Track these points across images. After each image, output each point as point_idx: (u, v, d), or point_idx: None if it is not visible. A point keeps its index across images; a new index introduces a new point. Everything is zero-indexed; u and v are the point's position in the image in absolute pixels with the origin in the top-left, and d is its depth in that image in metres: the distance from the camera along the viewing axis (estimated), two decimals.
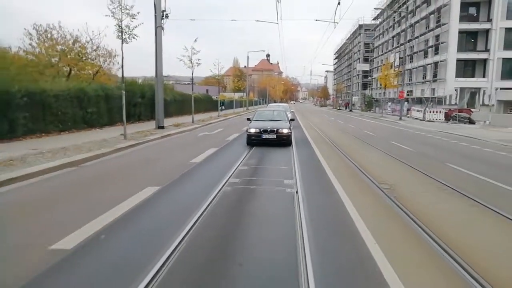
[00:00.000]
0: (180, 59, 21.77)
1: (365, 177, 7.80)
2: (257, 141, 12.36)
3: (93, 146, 11.17)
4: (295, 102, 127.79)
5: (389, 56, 57.72)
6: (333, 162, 9.59)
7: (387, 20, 60.40)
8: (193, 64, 22.15)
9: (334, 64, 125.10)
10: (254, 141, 12.42)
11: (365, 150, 12.69)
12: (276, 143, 12.25)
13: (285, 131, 12.50)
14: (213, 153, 10.89)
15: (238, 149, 11.76)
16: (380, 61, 63.28)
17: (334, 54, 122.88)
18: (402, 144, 14.29)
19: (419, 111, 34.07)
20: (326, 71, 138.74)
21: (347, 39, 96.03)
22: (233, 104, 43.51)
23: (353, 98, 76.97)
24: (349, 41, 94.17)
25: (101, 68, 20.91)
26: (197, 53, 22.23)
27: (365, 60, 79.64)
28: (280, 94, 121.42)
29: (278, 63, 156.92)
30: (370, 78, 73.89)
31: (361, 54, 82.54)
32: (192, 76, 23.43)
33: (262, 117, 14.46)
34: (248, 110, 46.89)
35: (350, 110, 62.73)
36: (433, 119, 30.30)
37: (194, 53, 21.94)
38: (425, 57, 44.07)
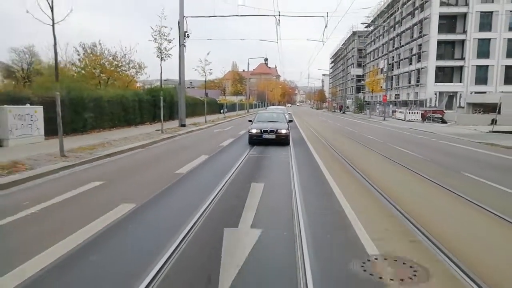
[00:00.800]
0: (195, 69, 26.24)
1: (334, 151, 12.22)
2: (258, 141, 13.62)
3: (144, 137, 15.51)
4: (291, 105, 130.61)
5: (379, 62, 62.54)
6: (315, 144, 14.04)
7: (378, 29, 65.13)
8: (206, 73, 26.64)
9: (330, 68, 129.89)
10: (255, 141, 13.68)
11: (340, 139, 17.12)
12: (276, 142, 13.50)
13: (284, 132, 13.65)
14: (233, 141, 15.28)
15: None
16: (372, 67, 67.98)
17: (330, 59, 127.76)
18: (372, 136, 18.76)
19: (401, 113, 38.63)
20: (323, 75, 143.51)
21: (342, 45, 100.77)
22: (236, 107, 47.96)
23: (347, 101, 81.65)
24: (344, 47, 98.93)
25: (133, 78, 25.42)
26: (209, 64, 26.74)
27: (359, 65, 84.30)
28: (278, 97, 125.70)
29: (276, 67, 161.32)
30: (363, 82, 78.41)
31: (355, 59, 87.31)
32: (205, 84, 27.89)
33: (263, 119, 15.47)
34: (249, 113, 51.33)
35: (343, 112, 67.23)
36: (412, 119, 34.84)
37: (207, 64, 26.40)
38: (410, 64, 48.74)
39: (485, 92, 38.41)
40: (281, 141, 13.58)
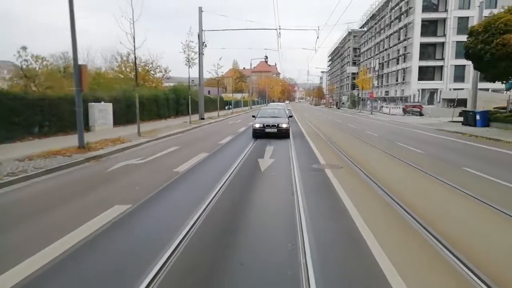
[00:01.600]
0: (209, 72, 31.40)
1: (319, 134, 17.43)
2: (261, 134, 15.00)
3: (179, 126, 20.65)
4: (290, 102, 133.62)
5: (372, 61, 67.67)
6: (307, 128, 19.27)
7: (371, 30, 70.21)
8: (219, 76, 31.78)
9: (328, 66, 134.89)
10: (259, 134, 15.05)
11: (326, 126, 22.31)
12: (277, 136, 14.89)
13: (284, 126, 15.00)
14: (246, 129, 20.43)
15: None
16: (364, 66, 73.08)
17: (328, 57, 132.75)
18: (353, 125, 23.99)
19: (387, 107, 43.83)
20: (322, 72, 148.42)
21: (339, 44, 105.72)
22: (241, 103, 53.20)
23: (343, 98, 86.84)
24: (341, 45, 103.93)
25: (161, 80, 30.63)
26: (221, 67, 31.89)
27: (354, 63, 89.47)
28: (278, 95, 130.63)
29: (276, 65, 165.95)
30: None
31: (351, 58, 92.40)
32: (218, 84, 33.03)
33: (265, 114, 16.72)
34: (252, 109, 56.46)
35: (339, 108, 72.42)
36: (395, 113, 40.04)
37: (219, 67, 31.56)
38: (397, 64, 53.89)
39: (462, 89, 43.56)
40: (282, 135, 14.98)
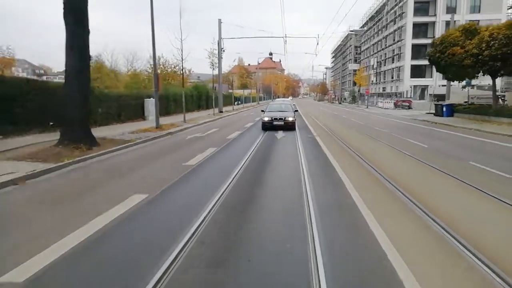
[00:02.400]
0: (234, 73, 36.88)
1: (319, 122, 22.99)
2: (270, 127, 16.73)
3: (206, 117, 26.28)
4: (293, 98, 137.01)
5: (371, 60, 72.77)
6: (308, 118, 24.87)
7: (370, 30, 75.26)
8: (232, 75, 37.31)
9: (332, 63, 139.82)
10: (268, 127, 16.82)
11: (325, 117, 27.83)
12: (284, 128, 16.62)
13: (291, 119, 16.69)
14: (260, 119, 26.09)
15: None
16: (363, 64, 78.20)
17: (331, 54, 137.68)
18: (345, 116, 29.50)
19: (382, 102, 49.18)
20: (326, 68, 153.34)
21: (342, 41, 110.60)
22: (250, 99, 58.81)
23: (345, 93, 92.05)
24: (343, 43, 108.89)
25: (186, 79, 36.38)
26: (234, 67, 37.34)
27: (355, 61, 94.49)
28: (283, 90, 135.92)
29: (280, 61, 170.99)
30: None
31: (352, 56, 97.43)
32: (232, 83, 38.63)
33: (273, 109, 18.61)
34: (260, 104, 61.99)
35: (340, 103, 77.71)
36: (387, 107, 45.37)
37: (231, 67, 37.02)
38: (393, 62, 59.06)
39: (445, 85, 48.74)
40: (289, 127, 16.58)
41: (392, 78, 59.84)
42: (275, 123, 16.51)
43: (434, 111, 28.26)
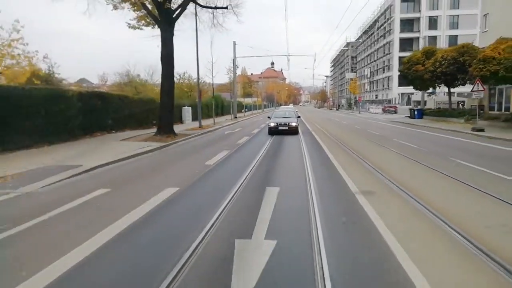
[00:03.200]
0: (238, 82, 43.83)
1: (316, 124, 29.78)
2: (275, 131, 18.75)
3: (227, 121, 33.14)
4: (294, 105, 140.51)
5: (365, 70, 79.89)
6: (308, 121, 31.71)
7: (363, 43, 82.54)
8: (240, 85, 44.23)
9: (331, 71, 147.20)
10: (273, 132, 18.88)
11: (320, 120, 34.57)
12: (288, 132, 18.78)
13: (294, 124, 18.86)
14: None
15: None
16: (361, 72, 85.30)
17: (330, 63, 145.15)
18: (338, 120, 36.29)
19: (372, 108, 56.04)
20: (326, 76, 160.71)
21: (340, 52, 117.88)
22: (256, 107, 65.74)
23: (342, 101, 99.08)
24: (341, 53, 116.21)
25: (206, 90, 43.40)
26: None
27: (352, 70, 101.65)
28: (285, 98, 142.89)
29: (282, 70, 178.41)
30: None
31: (349, 65, 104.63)
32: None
33: (278, 115, 20.82)
34: (264, 111, 68.92)
35: (337, 109, 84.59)
36: (376, 112, 52.17)
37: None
38: (383, 72, 66.08)
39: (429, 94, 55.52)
40: (292, 131, 18.68)
41: (383, 87, 66.79)
42: (280, 128, 18.97)
43: (410, 115, 35.01)
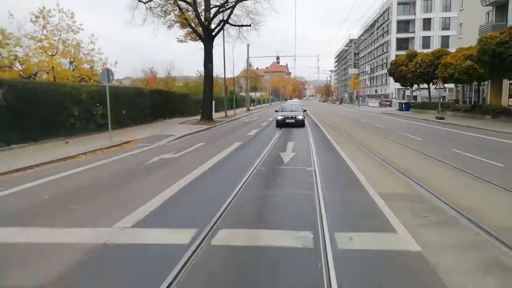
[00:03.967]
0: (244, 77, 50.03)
1: (319, 115, 35.91)
2: (283, 124, 19.71)
3: (244, 112, 39.33)
4: (299, 99, 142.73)
5: (366, 66, 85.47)
6: (312, 113, 37.90)
7: (365, 41, 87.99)
8: (248, 80, 50.34)
9: (335, 67, 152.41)
10: (281, 124, 19.80)
11: (323, 113, 40.61)
12: (295, 125, 19.90)
13: (300, 117, 20.09)
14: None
15: None
16: (363, 68, 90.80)
17: (335, 58, 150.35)
18: (337, 112, 42.35)
19: (371, 102, 61.94)
20: (330, 71, 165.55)
21: (344, 47, 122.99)
22: (263, 101, 71.85)
23: (345, 95, 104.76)
24: (344, 50, 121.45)
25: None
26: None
27: (355, 66, 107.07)
28: (290, 93, 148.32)
29: (287, 65, 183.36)
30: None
31: (352, 61, 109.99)
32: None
33: (285, 109, 22.11)
34: (271, 105, 74.91)
35: (340, 103, 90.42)
36: (373, 106, 58.03)
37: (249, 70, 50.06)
38: (382, 69, 71.72)
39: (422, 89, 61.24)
40: (299, 124, 19.70)
41: (382, 82, 72.51)
42: (288, 121, 20.09)
43: (399, 107, 41.01)
